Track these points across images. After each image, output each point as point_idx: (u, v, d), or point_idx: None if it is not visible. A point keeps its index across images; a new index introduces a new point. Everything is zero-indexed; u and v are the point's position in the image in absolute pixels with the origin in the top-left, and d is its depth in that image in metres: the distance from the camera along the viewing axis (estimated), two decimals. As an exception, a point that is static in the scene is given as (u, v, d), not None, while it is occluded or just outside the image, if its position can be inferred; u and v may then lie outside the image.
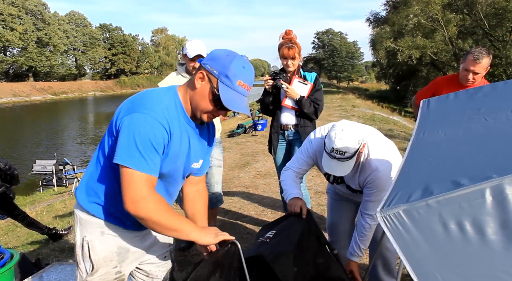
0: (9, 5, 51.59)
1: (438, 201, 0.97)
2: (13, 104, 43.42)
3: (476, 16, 23.08)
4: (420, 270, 0.95)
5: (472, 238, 0.94)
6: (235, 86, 1.42)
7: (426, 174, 1.16)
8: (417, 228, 0.98)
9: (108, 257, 1.57)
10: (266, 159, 6.94)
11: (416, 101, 3.45)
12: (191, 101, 1.50)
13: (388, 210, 1.01)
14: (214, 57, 1.46)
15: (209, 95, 1.45)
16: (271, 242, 1.96)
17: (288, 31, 3.23)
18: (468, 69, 2.92)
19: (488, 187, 0.96)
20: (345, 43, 63.84)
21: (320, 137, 2.28)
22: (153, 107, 1.40)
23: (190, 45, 3.06)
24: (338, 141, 1.93)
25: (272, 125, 3.39)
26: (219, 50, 1.48)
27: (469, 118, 1.52)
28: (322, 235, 2.05)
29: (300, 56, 3.23)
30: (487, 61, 2.88)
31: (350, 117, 13.49)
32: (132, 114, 1.39)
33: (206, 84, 1.45)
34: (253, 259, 1.78)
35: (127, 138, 1.36)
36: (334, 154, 1.95)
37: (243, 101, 1.47)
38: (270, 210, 4.41)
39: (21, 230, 5.22)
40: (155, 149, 1.39)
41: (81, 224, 1.58)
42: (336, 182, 2.40)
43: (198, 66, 1.49)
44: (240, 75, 1.43)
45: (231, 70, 1.41)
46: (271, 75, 3.24)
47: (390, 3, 33.28)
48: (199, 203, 1.81)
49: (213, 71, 1.43)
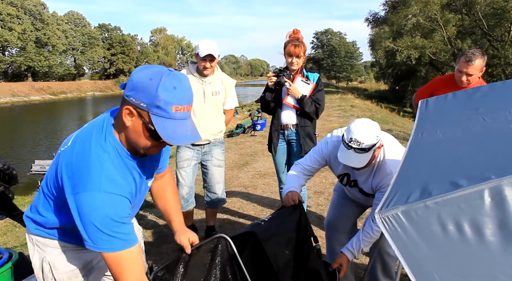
0: (7, 4, 51.48)
1: (437, 202, 0.97)
2: (12, 104, 43.34)
3: (475, 16, 23.12)
4: (419, 271, 0.95)
5: (470, 239, 0.94)
6: (171, 114, 1.20)
7: (425, 174, 1.16)
8: (415, 229, 0.97)
9: (73, 273, 1.51)
10: (265, 159, 6.94)
11: (415, 100, 3.45)
12: (127, 140, 1.31)
13: (386, 211, 1.01)
14: (136, 86, 1.20)
15: (144, 133, 1.25)
16: (265, 224, 2.04)
17: (296, 31, 3.27)
18: (461, 71, 2.92)
19: (486, 188, 0.96)
20: (344, 43, 63.88)
21: (337, 139, 2.33)
22: (97, 179, 1.23)
23: (202, 45, 3.04)
24: (357, 132, 1.99)
25: (273, 124, 3.40)
26: (140, 73, 1.22)
27: (468, 118, 1.51)
28: (309, 226, 2.09)
29: (304, 56, 3.26)
30: (480, 62, 2.86)
31: (349, 117, 13.50)
32: (77, 195, 1.23)
33: (137, 120, 1.24)
34: (246, 234, 1.87)
35: (87, 225, 1.23)
36: (351, 144, 1.99)
37: (187, 127, 1.24)
38: (269, 210, 4.41)
39: (20, 230, 5.21)
40: (121, 222, 1.25)
41: (38, 246, 1.49)
42: (350, 185, 2.41)
43: (122, 99, 1.27)
44: (173, 99, 1.19)
45: (161, 97, 1.17)
46: (274, 72, 3.26)
47: (389, 3, 33.31)
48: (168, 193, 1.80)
49: (140, 104, 1.20)
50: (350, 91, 36.47)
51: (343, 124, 11.60)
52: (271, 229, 1.97)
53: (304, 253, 1.97)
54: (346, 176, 2.42)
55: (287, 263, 1.88)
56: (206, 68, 3.07)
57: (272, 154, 3.48)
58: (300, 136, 3.31)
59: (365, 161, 2.04)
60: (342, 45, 62.87)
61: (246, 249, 1.83)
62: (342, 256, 2.21)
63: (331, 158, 2.36)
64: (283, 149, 3.44)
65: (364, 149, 2.00)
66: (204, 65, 3.06)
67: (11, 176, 3.97)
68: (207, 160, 3.35)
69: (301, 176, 2.43)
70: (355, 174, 2.37)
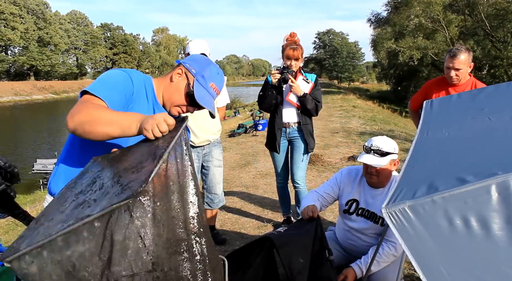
0: (10, 4, 51.65)
1: (444, 197, 0.98)
2: (14, 103, 43.45)
3: (477, 17, 23.07)
4: (425, 265, 0.95)
5: (477, 233, 0.95)
6: (208, 87, 1.58)
7: (431, 171, 1.16)
8: (422, 223, 0.98)
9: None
10: (267, 159, 6.94)
11: (411, 106, 3.51)
12: (164, 92, 1.60)
13: (393, 206, 1.01)
14: (194, 58, 1.64)
15: (184, 90, 1.57)
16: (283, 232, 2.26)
17: (293, 34, 3.38)
18: (449, 67, 2.99)
19: (493, 183, 0.96)
20: (346, 43, 63.74)
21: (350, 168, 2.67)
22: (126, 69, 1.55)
23: (193, 44, 3.10)
24: (377, 139, 2.37)
25: (275, 122, 3.43)
26: (199, 55, 1.71)
27: (473, 118, 1.52)
28: (325, 238, 2.18)
29: (302, 58, 3.35)
30: (465, 56, 2.93)
31: (350, 117, 13.49)
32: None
33: (183, 80, 1.58)
34: (263, 239, 2.10)
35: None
36: (371, 147, 2.34)
37: (212, 101, 1.61)
38: (270, 210, 4.41)
39: (21, 229, 5.21)
40: (115, 86, 1.44)
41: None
42: (356, 213, 2.53)
43: (175, 67, 1.63)
44: (214, 78, 1.60)
45: (207, 72, 1.58)
46: (278, 69, 3.31)
47: (391, 4, 33.25)
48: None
49: (191, 69, 1.58)
50: (352, 92, 36.44)
51: (344, 124, 11.60)
52: (288, 236, 2.14)
53: (317, 263, 2.03)
54: (355, 203, 2.54)
55: (300, 271, 1.95)
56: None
57: (275, 152, 3.51)
58: (304, 134, 3.39)
59: (381, 164, 2.31)
60: (344, 46, 62.73)
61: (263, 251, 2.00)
62: (350, 270, 2.28)
63: (344, 184, 2.61)
64: (284, 147, 3.50)
65: (382, 153, 2.30)
66: None
67: (13, 174, 3.98)
68: (208, 161, 3.35)
69: (315, 199, 2.59)
70: (367, 198, 2.50)
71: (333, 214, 4.12)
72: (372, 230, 2.47)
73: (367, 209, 2.49)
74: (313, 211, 2.31)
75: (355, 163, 6.56)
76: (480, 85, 2.96)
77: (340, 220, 2.71)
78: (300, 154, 3.43)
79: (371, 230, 2.48)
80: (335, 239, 2.72)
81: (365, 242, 2.51)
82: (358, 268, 2.28)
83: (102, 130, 1.30)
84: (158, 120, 1.26)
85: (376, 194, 2.47)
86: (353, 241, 2.58)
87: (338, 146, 8.06)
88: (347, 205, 2.56)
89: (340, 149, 7.73)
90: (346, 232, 2.62)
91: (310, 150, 3.44)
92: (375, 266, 2.25)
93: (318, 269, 2.02)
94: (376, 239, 2.47)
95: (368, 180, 2.47)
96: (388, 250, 2.29)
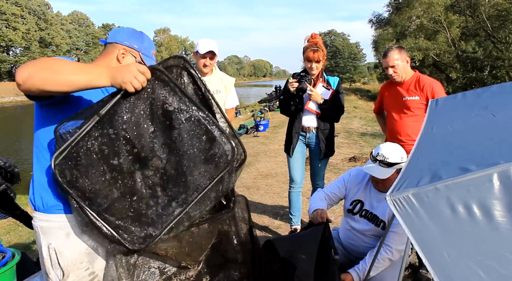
0: (12, 4, 51.77)
1: (447, 185, 1.00)
2: (15, 103, 43.56)
3: (479, 18, 23.05)
4: (429, 250, 0.98)
5: (479, 220, 0.97)
6: (152, 56, 1.71)
7: (435, 161, 1.19)
8: (426, 210, 1.01)
9: (78, 259, 1.52)
10: (268, 160, 6.95)
11: (373, 109, 3.61)
12: None
13: (397, 193, 1.04)
14: (126, 34, 1.66)
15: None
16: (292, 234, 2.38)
17: (314, 35, 3.24)
18: (386, 67, 3.06)
19: (495, 172, 0.99)
20: (347, 44, 63.83)
21: (358, 169, 2.64)
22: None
23: (202, 43, 3.08)
24: (384, 148, 2.28)
25: (293, 126, 3.35)
26: (125, 28, 1.72)
27: (477, 114, 1.56)
28: (331, 238, 2.25)
29: (324, 60, 3.23)
30: (395, 52, 2.98)
31: (351, 118, 13.50)
32: None
33: (131, 58, 1.64)
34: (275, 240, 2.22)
35: None
36: (378, 157, 2.24)
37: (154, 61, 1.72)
38: (272, 210, 4.43)
39: (22, 229, 5.23)
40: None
41: (43, 233, 1.52)
42: (360, 214, 2.55)
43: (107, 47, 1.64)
44: (151, 46, 1.73)
45: (146, 43, 1.70)
46: (295, 78, 3.20)
47: (392, 5, 33.26)
48: None
49: (133, 46, 1.64)
50: (353, 92, 36.42)
51: (346, 125, 11.61)
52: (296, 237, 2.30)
53: (323, 261, 2.09)
54: (359, 203, 2.56)
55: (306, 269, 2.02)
56: (206, 65, 3.08)
57: (288, 155, 3.44)
58: (320, 140, 3.29)
59: (386, 175, 2.24)
60: (346, 46, 62.82)
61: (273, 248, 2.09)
62: (348, 275, 2.31)
63: (351, 185, 2.60)
64: (301, 151, 3.41)
65: (388, 163, 2.22)
66: (204, 62, 3.07)
67: (13, 174, 3.98)
68: None
69: (322, 199, 2.61)
70: (372, 201, 2.51)
71: (334, 214, 4.14)
72: (372, 232, 2.51)
73: (370, 211, 2.51)
74: (322, 217, 2.33)
75: (356, 163, 6.58)
76: (424, 79, 2.99)
77: (344, 220, 2.74)
78: (318, 159, 3.35)
79: (371, 232, 2.52)
80: (337, 238, 2.75)
81: (364, 243, 2.54)
82: (356, 274, 2.31)
83: (66, 78, 1.19)
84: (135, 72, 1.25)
85: (382, 198, 2.47)
86: (353, 240, 2.61)
87: (339, 146, 8.07)
88: (351, 205, 2.59)
89: (341, 149, 7.73)
90: (348, 232, 2.65)
91: (329, 154, 3.35)
92: (373, 270, 2.28)
93: (323, 268, 2.06)
94: (375, 241, 2.49)
95: (375, 186, 2.50)
96: (384, 254, 2.31)
